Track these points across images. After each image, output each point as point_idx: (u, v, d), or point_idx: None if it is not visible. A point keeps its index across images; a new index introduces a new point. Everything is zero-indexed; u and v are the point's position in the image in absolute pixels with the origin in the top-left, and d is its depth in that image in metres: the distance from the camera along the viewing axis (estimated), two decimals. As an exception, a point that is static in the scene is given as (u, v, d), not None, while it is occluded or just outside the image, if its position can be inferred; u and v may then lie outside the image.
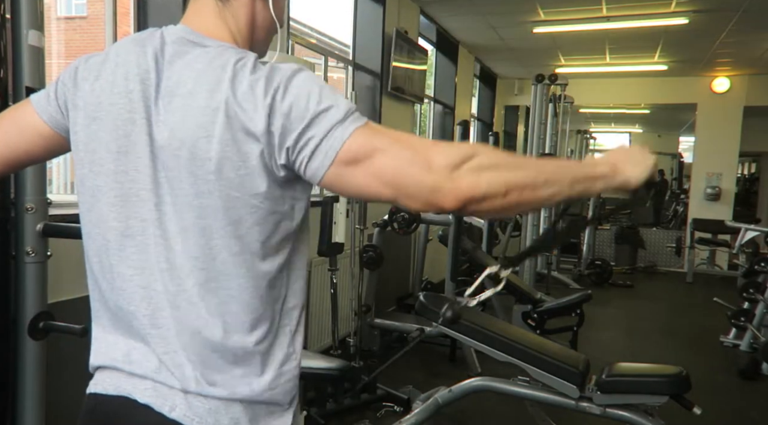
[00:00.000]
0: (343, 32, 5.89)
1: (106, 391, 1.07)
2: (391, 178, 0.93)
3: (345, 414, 3.79)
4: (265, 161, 0.95)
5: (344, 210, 3.70)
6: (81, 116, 1.07)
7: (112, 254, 1.05)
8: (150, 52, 1.03)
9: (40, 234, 2.10)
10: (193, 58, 1.01)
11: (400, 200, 0.95)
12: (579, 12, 6.58)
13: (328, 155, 0.93)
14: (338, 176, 0.94)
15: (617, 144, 1.04)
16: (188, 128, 0.96)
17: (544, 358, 2.91)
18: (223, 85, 0.95)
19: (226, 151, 0.95)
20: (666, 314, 7.15)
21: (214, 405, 1.02)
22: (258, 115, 0.93)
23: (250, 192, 0.97)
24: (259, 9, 1.11)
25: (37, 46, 2.03)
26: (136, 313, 1.04)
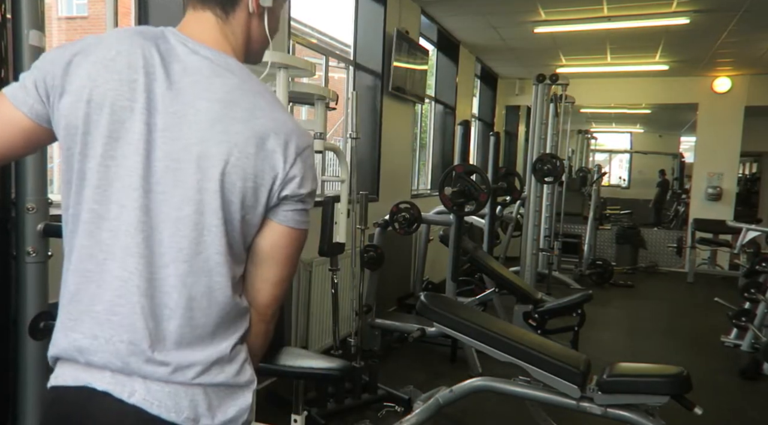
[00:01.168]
0: (344, 32, 5.90)
1: (66, 383, 1.08)
2: (279, 280, 1.20)
3: (346, 414, 3.79)
4: (272, 187, 1.10)
5: (345, 210, 3.70)
6: (72, 99, 1.06)
7: (87, 236, 1.07)
8: (159, 49, 1.08)
9: (40, 234, 2.10)
10: (213, 73, 1.10)
11: (254, 297, 1.19)
12: (580, 12, 6.57)
13: (286, 221, 1.15)
14: (275, 233, 1.16)
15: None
16: (214, 132, 1.06)
17: (545, 358, 2.91)
18: (266, 130, 1.09)
19: (244, 164, 1.07)
20: (667, 315, 7.15)
21: (174, 388, 1.06)
22: (280, 167, 1.10)
23: (248, 202, 1.09)
24: (255, 26, 1.19)
25: (38, 46, 2.03)
26: (102, 296, 1.06)
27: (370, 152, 5.89)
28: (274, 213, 1.13)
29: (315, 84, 4.20)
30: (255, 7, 1.16)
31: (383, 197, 5.85)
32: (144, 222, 1.05)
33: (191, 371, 1.07)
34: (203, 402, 1.08)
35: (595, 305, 5.74)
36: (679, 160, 13.80)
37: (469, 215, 4.85)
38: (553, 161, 6.60)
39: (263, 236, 1.15)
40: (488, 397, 3.91)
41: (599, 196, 9.60)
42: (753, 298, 5.27)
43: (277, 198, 1.11)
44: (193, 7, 1.15)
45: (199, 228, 1.06)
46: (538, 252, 7.04)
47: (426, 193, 7.76)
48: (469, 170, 4.56)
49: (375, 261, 4.61)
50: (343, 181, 3.73)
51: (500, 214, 7.70)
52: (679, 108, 11.39)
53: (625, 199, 13.68)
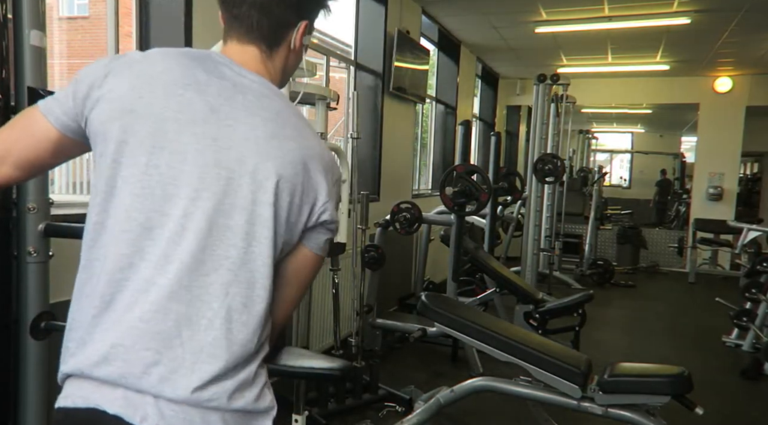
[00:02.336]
0: (345, 32, 5.90)
1: (75, 404, 1.05)
2: (296, 301, 1.27)
3: (347, 414, 3.79)
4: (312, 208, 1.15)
5: (346, 210, 3.70)
6: (109, 107, 1.07)
7: (124, 245, 1.05)
8: (208, 69, 1.12)
9: (41, 234, 2.10)
10: (262, 94, 1.14)
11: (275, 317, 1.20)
12: (581, 12, 6.57)
13: (316, 248, 1.20)
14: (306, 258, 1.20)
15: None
16: (270, 147, 1.09)
17: (545, 358, 2.91)
18: (311, 152, 1.14)
19: (295, 180, 1.11)
20: (668, 315, 7.14)
21: (189, 413, 1.01)
22: (323, 191, 1.15)
23: (292, 219, 1.12)
24: (291, 59, 1.26)
25: (38, 46, 2.03)
26: (133, 306, 1.03)
27: (371, 152, 5.89)
28: (308, 238, 1.17)
29: (316, 84, 4.20)
30: (297, 45, 1.22)
31: (384, 197, 5.85)
32: (188, 229, 1.04)
33: (211, 391, 1.03)
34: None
35: (596, 306, 5.73)
36: (680, 160, 13.80)
37: (470, 215, 4.85)
38: (554, 161, 6.60)
39: (293, 258, 1.18)
40: (489, 397, 3.90)
41: (600, 196, 9.60)
42: (754, 298, 5.27)
43: (315, 221, 1.15)
44: (239, 40, 1.19)
45: (248, 239, 1.06)
46: (539, 252, 7.04)
47: (427, 193, 7.76)
48: (470, 170, 4.56)
49: (376, 261, 4.61)
50: (344, 181, 3.73)
51: (501, 214, 7.70)
52: (680, 108, 11.38)
53: (626, 199, 13.68)
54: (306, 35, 1.23)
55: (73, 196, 4.07)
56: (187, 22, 3.28)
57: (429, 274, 6.54)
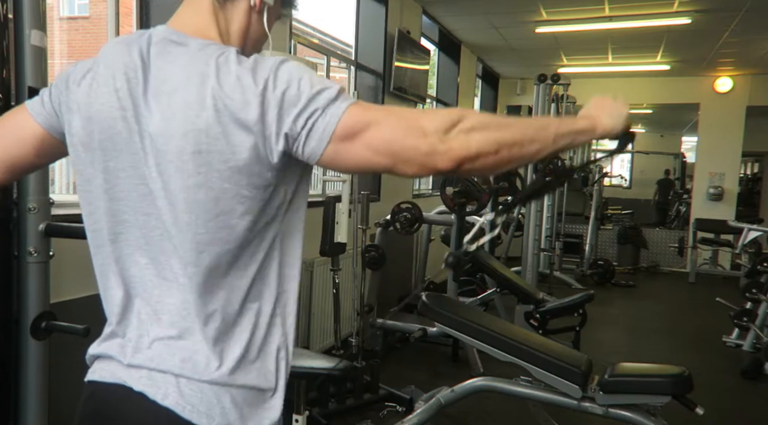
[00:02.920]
0: (346, 32, 5.91)
1: (103, 379, 1.09)
2: (387, 147, 0.97)
3: (347, 414, 3.79)
4: (259, 150, 0.97)
5: (346, 210, 3.70)
6: (76, 117, 1.08)
7: (125, 245, 1.08)
8: (135, 51, 1.05)
9: (42, 234, 2.10)
10: (174, 57, 1.03)
11: (397, 167, 0.99)
12: (581, 12, 6.58)
13: (326, 132, 0.96)
14: (336, 153, 0.98)
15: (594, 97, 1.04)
16: (177, 123, 0.98)
17: (546, 358, 2.91)
18: (208, 79, 0.97)
19: (217, 144, 0.97)
20: (668, 315, 7.14)
21: (207, 393, 1.03)
22: (250, 106, 0.95)
23: (242, 182, 0.99)
24: (254, 21, 1.15)
25: (39, 46, 2.03)
26: (149, 299, 1.07)
27: (371, 152, 5.88)
28: (304, 153, 1.01)
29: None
30: (258, 1, 1.13)
31: (385, 197, 5.86)
32: (162, 227, 1.04)
33: (225, 366, 1.04)
34: (234, 410, 1.04)
35: (597, 305, 5.73)
36: (681, 160, 13.79)
37: (471, 215, 4.85)
38: (554, 161, 6.59)
39: (331, 162, 1.03)
40: (490, 397, 3.91)
41: (601, 196, 9.60)
42: (754, 298, 5.26)
43: (283, 142, 0.98)
44: None
45: (193, 227, 1.02)
46: (539, 252, 7.03)
47: (427, 193, 7.76)
48: (471, 170, 4.55)
49: (376, 261, 4.61)
50: (345, 181, 3.74)
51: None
52: (681, 108, 11.38)
53: (627, 199, 13.67)
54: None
55: (74, 196, 4.06)
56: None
57: (429, 274, 6.54)
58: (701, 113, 9.94)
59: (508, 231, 8.24)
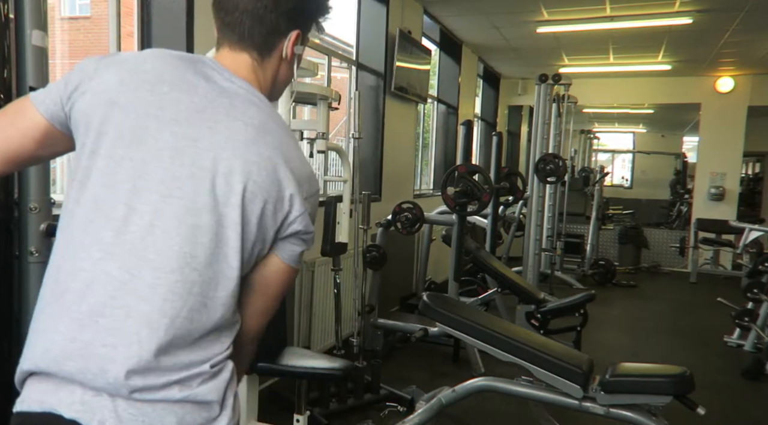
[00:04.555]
0: (347, 32, 5.90)
1: (31, 408, 1.03)
2: (267, 311, 1.24)
3: (348, 414, 3.79)
4: (287, 216, 1.14)
5: (348, 210, 3.70)
6: (94, 99, 1.09)
7: (86, 234, 1.05)
8: (196, 70, 1.14)
9: (43, 234, 2.10)
10: (247, 100, 1.15)
11: (246, 323, 1.20)
12: (583, 12, 6.57)
13: (289, 259, 1.19)
14: (276, 268, 1.19)
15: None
16: (244, 151, 1.09)
17: (547, 358, 2.91)
18: (287, 161, 1.13)
19: (268, 186, 1.10)
20: (669, 315, 7.14)
21: (147, 414, 1.00)
22: (297, 200, 1.13)
23: (264, 224, 1.12)
24: (283, 69, 1.26)
25: (40, 46, 2.03)
26: (87, 297, 1.02)
27: (372, 151, 5.89)
28: (280, 247, 1.17)
29: (318, 84, 4.20)
30: (289, 54, 1.23)
31: (386, 197, 5.85)
32: (156, 226, 1.03)
33: (168, 388, 1.01)
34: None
35: (598, 305, 5.73)
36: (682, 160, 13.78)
37: (472, 215, 4.85)
38: (555, 161, 6.59)
39: (263, 267, 1.17)
40: (491, 397, 3.91)
41: (602, 196, 9.60)
42: (756, 298, 5.27)
43: (288, 231, 1.15)
44: (231, 47, 1.21)
45: (216, 239, 1.06)
46: (540, 252, 7.03)
47: (428, 193, 7.76)
48: (472, 170, 4.56)
49: (377, 261, 4.61)
50: (346, 181, 3.74)
51: (503, 214, 7.70)
52: (682, 108, 11.37)
53: (628, 199, 13.66)
54: (298, 45, 1.24)
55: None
56: (188, 22, 3.29)
57: (430, 274, 6.54)
58: (702, 113, 9.93)
59: (509, 231, 8.25)
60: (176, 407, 1.02)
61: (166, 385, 1.01)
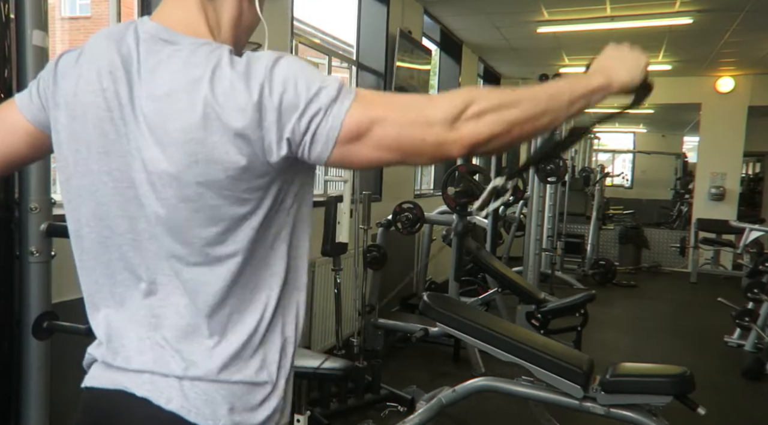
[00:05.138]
0: (347, 32, 5.90)
1: (102, 385, 1.05)
2: (395, 144, 0.94)
3: (349, 414, 3.79)
4: (257, 156, 0.93)
5: (348, 210, 3.70)
6: (62, 114, 1.04)
7: (112, 247, 1.04)
8: (123, 48, 1.00)
9: (44, 234, 2.10)
10: (166, 58, 0.97)
11: (408, 160, 0.97)
12: (583, 12, 6.57)
13: (330, 136, 0.92)
14: (343, 155, 0.95)
15: (608, 47, 1.00)
16: (170, 130, 0.93)
17: (547, 358, 2.91)
18: (201, 85, 0.92)
19: (213, 153, 0.92)
20: (670, 315, 7.14)
21: (211, 392, 1.01)
22: (246, 114, 0.91)
23: (241, 187, 0.95)
24: (245, 7, 1.08)
25: (41, 46, 2.03)
26: (138, 303, 1.04)
27: (372, 151, 5.88)
28: (311, 155, 0.96)
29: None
30: None
31: (386, 197, 5.85)
32: (156, 232, 1.01)
33: (228, 369, 1.02)
34: (239, 403, 1.03)
35: (598, 305, 5.73)
36: (682, 160, 13.78)
37: (472, 215, 4.85)
38: (556, 161, 6.59)
39: (337, 162, 1.00)
40: (491, 397, 3.91)
41: (602, 196, 9.60)
42: (756, 298, 5.26)
43: (286, 146, 0.95)
44: None
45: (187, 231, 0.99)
46: (541, 252, 7.02)
47: (429, 193, 7.76)
48: (472, 169, 4.56)
49: (378, 261, 4.62)
50: (346, 181, 3.74)
51: (503, 214, 7.69)
52: (682, 108, 11.36)
53: (628, 199, 13.66)
54: None
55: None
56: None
57: (431, 274, 6.54)
58: (703, 113, 9.93)
59: (509, 231, 8.25)
60: (234, 387, 1.02)
61: (222, 368, 1.01)
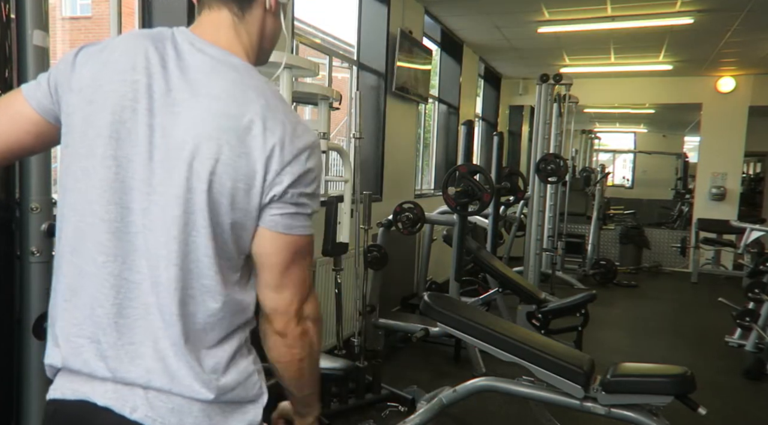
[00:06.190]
0: (348, 32, 5.90)
1: (65, 396, 1.06)
2: (278, 285, 1.11)
3: (349, 414, 3.79)
4: (263, 187, 1.05)
5: (349, 210, 3.70)
6: (76, 98, 1.07)
7: (87, 238, 1.05)
8: (162, 49, 1.07)
9: (44, 234, 2.10)
10: (213, 70, 1.07)
11: (265, 304, 1.14)
12: (584, 12, 6.57)
13: (275, 226, 1.08)
14: (264, 239, 1.09)
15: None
16: (207, 130, 1.02)
17: (548, 358, 2.91)
18: (256, 123, 1.03)
19: (236, 163, 1.02)
20: (671, 315, 7.14)
21: (177, 403, 1.02)
22: (273, 165, 1.04)
23: (239, 204, 1.04)
24: (269, 22, 1.18)
25: (41, 46, 2.03)
26: (103, 301, 1.03)
27: (373, 151, 5.89)
28: (263, 217, 1.07)
29: (318, 84, 4.20)
30: (273, 3, 1.15)
31: (387, 197, 5.85)
32: (146, 225, 1.03)
33: (195, 380, 1.03)
34: (205, 420, 1.04)
35: (599, 305, 5.73)
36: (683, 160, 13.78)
37: (473, 215, 4.85)
38: (556, 161, 6.60)
39: (255, 240, 1.09)
40: (492, 397, 3.91)
41: (603, 196, 9.59)
42: (757, 298, 5.26)
43: (268, 197, 1.05)
44: (209, 6, 1.13)
45: (187, 229, 1.02)
46: (541, 252, 7.03)
47: (429, 193, 7.76)
48: (473, 170, 4.56)
49: (378, 261, 4.61)
50: (347, 181, 3.74)
51: (504, 214, 7.70)
52: (683, 108, 11.36)
53: (629, 199, 13.65)
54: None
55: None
56: (189, 22, 3.28)
57: (431, 274, 6.54)
58: (703, 113, 9.92)
59: (510, 231, 8.25)
60: (198, 402, 1.04)
61: (186, 381, 1.03)
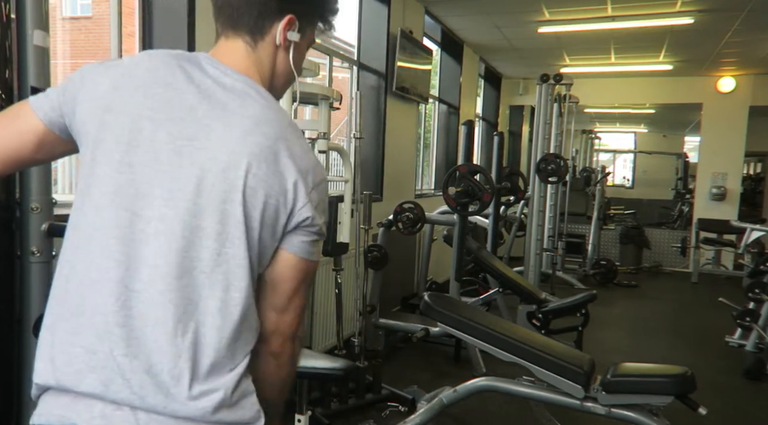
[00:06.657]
0: (348, 32, 5.90)
1: (50, 422, 1.03)
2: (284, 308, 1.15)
3: (350, 414, 3.79)
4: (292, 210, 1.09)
5: (349, 210, 3.70)
6: (91, 106, 1.08)
7: (92, 244, 1.04)
8: (188, 66, 1.11)
9: (45, 234, 2.10)
10: (244, 93, 1.11)
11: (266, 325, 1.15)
12: (584, 12, 6.56)
13: (299, 252, 1.13)
14: (286, 262, 1.13)
15: None
16: (245, 143, 1.05)
17: (548, 358, 2.91)
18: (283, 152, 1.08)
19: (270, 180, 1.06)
20: (671, 315, 7.14)
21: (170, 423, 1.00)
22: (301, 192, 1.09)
23: (267, 220, 1.07)
24: (281, 59, 1.20)
25: (42, 46, 2.03)
26: (102, 309, 1.01)
27: (374, 151, 5.89)
28: (288, 240, 1.11)
29: (319, 84, 4.20)
30: (282, 40, 1.17)
31: (387, 197, 5.85)
32: (161, 232, 1.02)
33: (192, 400, 1.01)
34: None
35: (599, 306, 5.73)
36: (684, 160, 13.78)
37: (473, 215, 4.84)
38: (557, 161, 6.60)
39: (273, 262, 1.12)
40: (492, 397, 3.91)
41: (603, 196, 9.59)
42: (757, 298, 5.26)
43: (294, 221, 1.09)
44: (226, 35, 1.17)
45: (221, 240, 1.03)
46: (541, 252, 7.03)
47: (430, 193, 7.76)
48: (473, 169, 4.56)
49: (379, 261, 4.61)
50: (347, 181, 3.73)
51: (504, 214, 7.70)
52: (684, 108, 11.36)
53: (629, 199, 13.65)
54: (292, 31, 1.17)
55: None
56: (189, 23, 3.29)
57: (432, 274, 6.54)
58: (704, 113, 9.92)
59: (510, 231, 8.25)
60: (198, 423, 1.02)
61: (186, 399, 1.00)
